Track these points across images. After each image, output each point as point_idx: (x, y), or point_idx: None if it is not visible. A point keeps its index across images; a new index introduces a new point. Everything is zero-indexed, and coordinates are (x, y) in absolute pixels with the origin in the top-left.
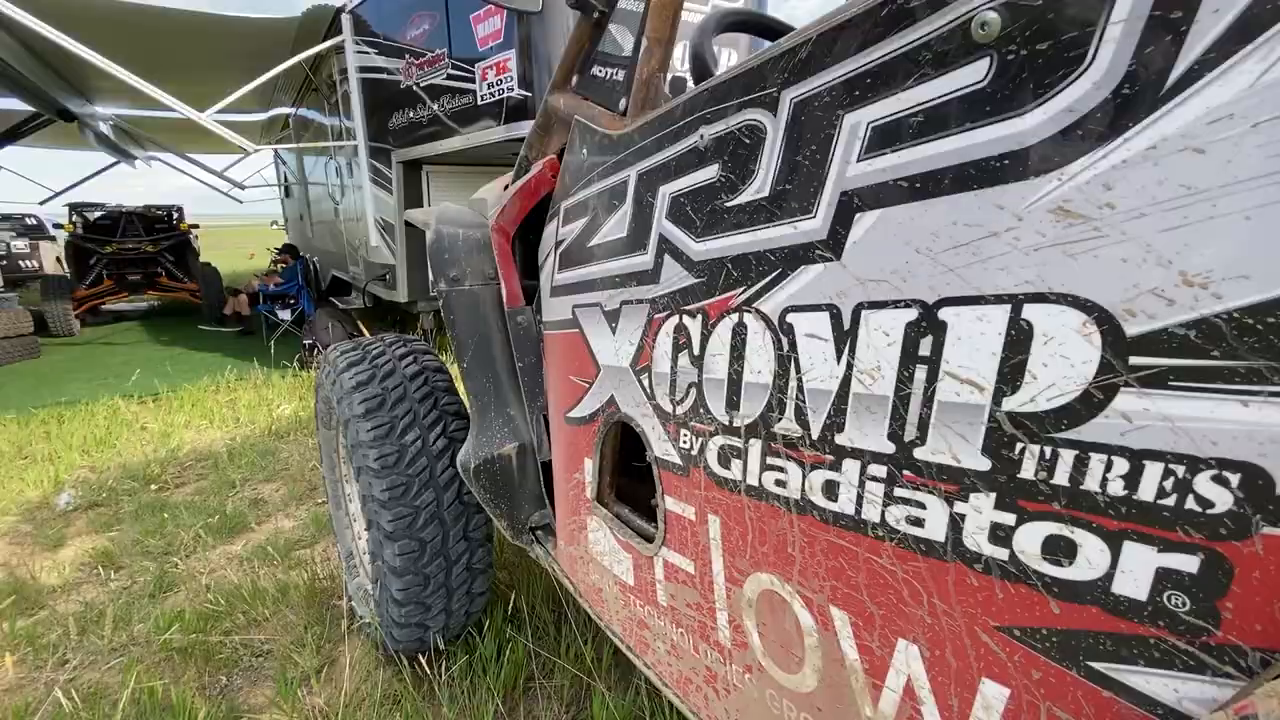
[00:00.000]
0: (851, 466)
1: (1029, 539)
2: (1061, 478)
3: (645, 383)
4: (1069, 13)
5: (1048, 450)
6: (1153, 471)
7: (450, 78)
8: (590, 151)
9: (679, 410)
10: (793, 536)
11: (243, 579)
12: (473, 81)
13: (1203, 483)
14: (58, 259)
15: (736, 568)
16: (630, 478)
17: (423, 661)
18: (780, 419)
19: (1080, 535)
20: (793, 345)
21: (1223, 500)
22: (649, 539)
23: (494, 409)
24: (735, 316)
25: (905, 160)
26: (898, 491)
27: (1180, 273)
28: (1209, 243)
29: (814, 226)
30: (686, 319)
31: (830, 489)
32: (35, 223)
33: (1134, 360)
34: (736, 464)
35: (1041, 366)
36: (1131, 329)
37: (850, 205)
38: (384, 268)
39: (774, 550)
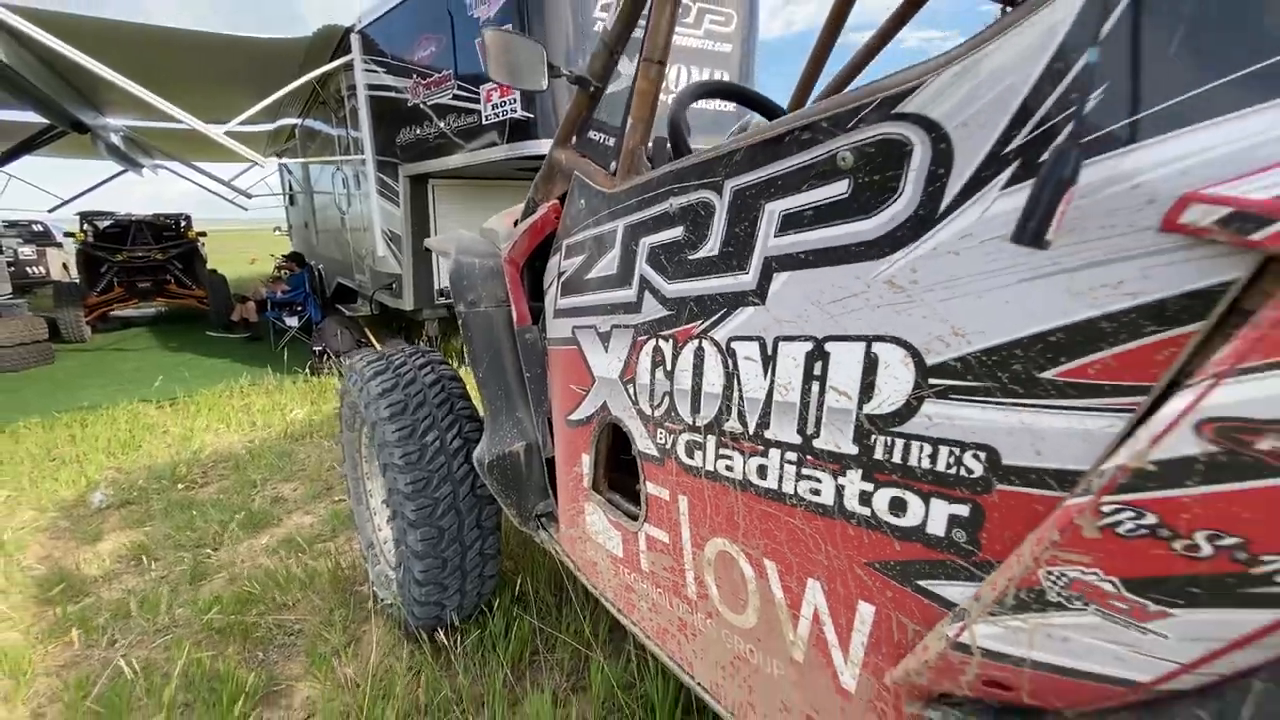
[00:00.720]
0: (774, 454)
1: (880, 500)
2: (897, 457)
3: (631, 391)
4: (887, 160)
5: (888, 439)
6: (944, 451)
7: (456, 97)
8: (587, 202)
9: (656, 413)
10: (738, 508)
11: (275, 566)
12: (478, 102)
13: (968, 457)
14: (64, 265)
15: (699, 535)
16: (618, 469)
17: (440, 636)
18: (728, 419)
19: (909, 496)
20: (735, 365)
21: (978, 468)
22: (634, 518)
23: (505, 413)
24: (696, 342)
25: (803, 239)
26: (803, 470)
27: (952, 326)
28: (963, 309)
29: (747, 280)
30: (661, 342)
31: (761, 471)
32: (41, 229)
33: (932, 380)
34: (699, 454)
35: (882, 383)
36: (929, 360)
37: (770, 267)
38: (390, 277)
39: (726, 519)
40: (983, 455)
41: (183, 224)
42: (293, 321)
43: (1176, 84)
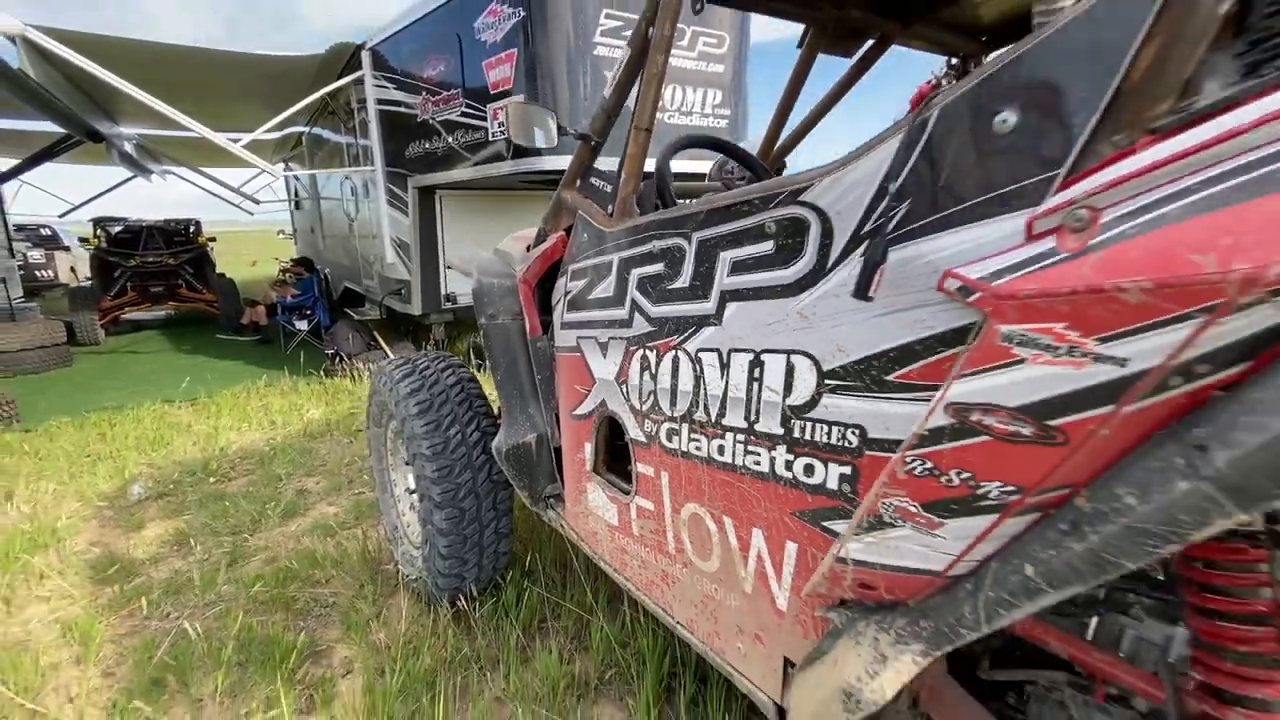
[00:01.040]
0: (729, 436)
1: (798, 466)
2: (808, 436)
3: (624, 390)
4: (795, 230)
5: (802, 424)
6: (835, 430)
7: (464, 114)
8: (589, 237)
9: (644, 408)
10: (705, 478)
11: (310, 546)
12: (484, 119)
13: (849, 433)
14: (71, 269)
15: (677, 501)
16: (613, 455)
17: (461, 604)
18: (697, 411)
19: (815, 462)
20: (701, 371)
21: (855, 440)
22: (626, 492)
23: (520, 409)
24: (673, 353)
25: (745, 280)
26: (749, 448)
27: (837, 345)
28: (842, 334)
29: (709, 307)
30: (647, 352)
31: (720, 449)
32: (49, 233)
33: (826, 381)
34: (675, 438)
35: (797, 383)
36: (824, 367)
37: (725, 298)
38: (399, 283)
39: (696, 488)
40: (857, 432)
41: (191, 229)
42: (302, 325)
43: (945, 203)
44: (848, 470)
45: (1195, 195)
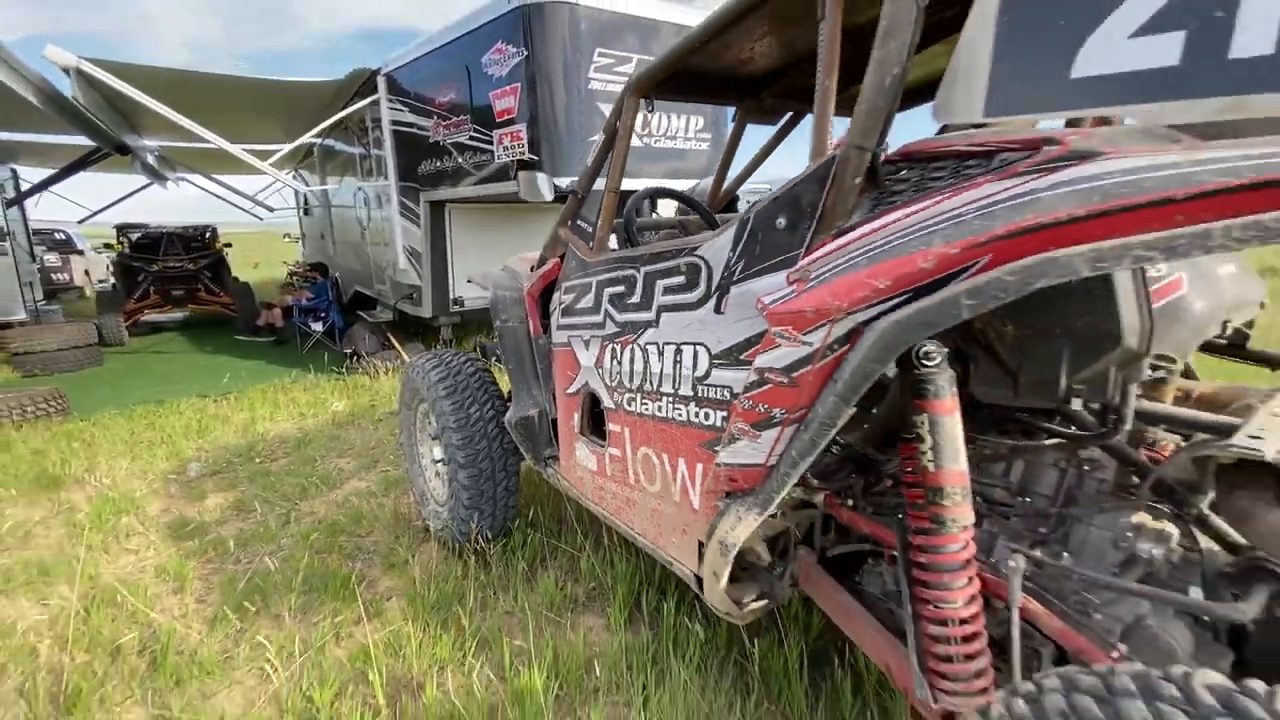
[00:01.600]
0: (664, 399)
1: (702, 415)
2: (706, 394)
3: (600, 373)
4: (694, 271)
5: (703, 388)
6: (718, 390)
7: (472, 138)
8: (576, 264)
9: (612, 384)
10: (650, 429)
11: (355, 505)
12: (491, 143)
13: (725, 392)
14: (85, 272)
15: (634, 446)
16: (594, 421)
17: (479, 546)
18: (645, 384)
19: (710, 410)
20: (648, 358)
21: (728, 395)
22: (602, 445)
23: (525, 390)
24: (631, 346)
25: (671, 299)
26: (675, 405)
27: (718, 338)
28: (720, 331)
29: (651, 316)
30: (615, 346)
31: (659, 408)
32: (64, 238)
33: (714, 360)
34: (633, 404)
35: (700, 363)
36: (713, 352)
37: (660, 310)
38: (411, 288)
39: (645, 436)
40: (728, 390)
41: (208, 235)
42: (317, 326)
43: (757, 263)
44: (723, 413)
45: (840, 266)
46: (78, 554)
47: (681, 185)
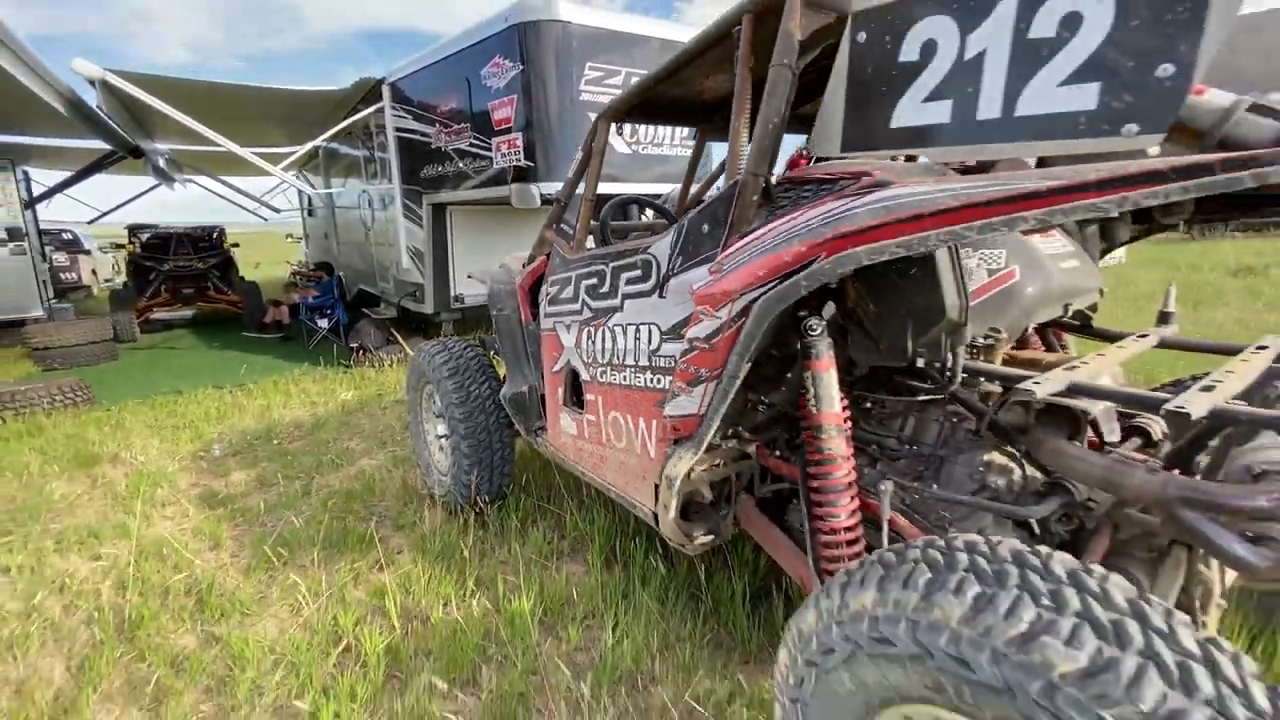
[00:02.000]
0: (628, 369)
1: (655, 380)
2: (658, 364)
3: (579, 352)
4: (649, 265)
5: (655, 358)
6: (665, 359)
7: (472, 145)
8: (559, 261)
9: (588, 361)
10: (617, 395)
11: (368, 475)
12: (490, 149)
13: (669, 360)
14: (92, 271)
15: (605, 411)
16: (574, 393)
17: (478, 508)
18: (613, 358)
19: (661, 376)
20: (615, 337)
21: (671, 362)
22: (580, 412)
23: (518, 370)
24: (602, 329)
25: (632, 288)
26: (635, 375)
27: (665, 317)
28: (667, 312)
29: (616, 303)
30: (590, 329)
31: (624, 378)
32: (71, 238)
33: (663, 336)
34: (604, 375)
35: (654, 338)
36: (662, 329)
37: (624, 297)
38: (414, 285)
39: (614, 401)
40: (673, 358)
41: (215, 235)
42: (323, 323)
43: (688, 259)
44: (669, 377)
45: (740, 260)
46: (120, 519)
47: (665, 188)
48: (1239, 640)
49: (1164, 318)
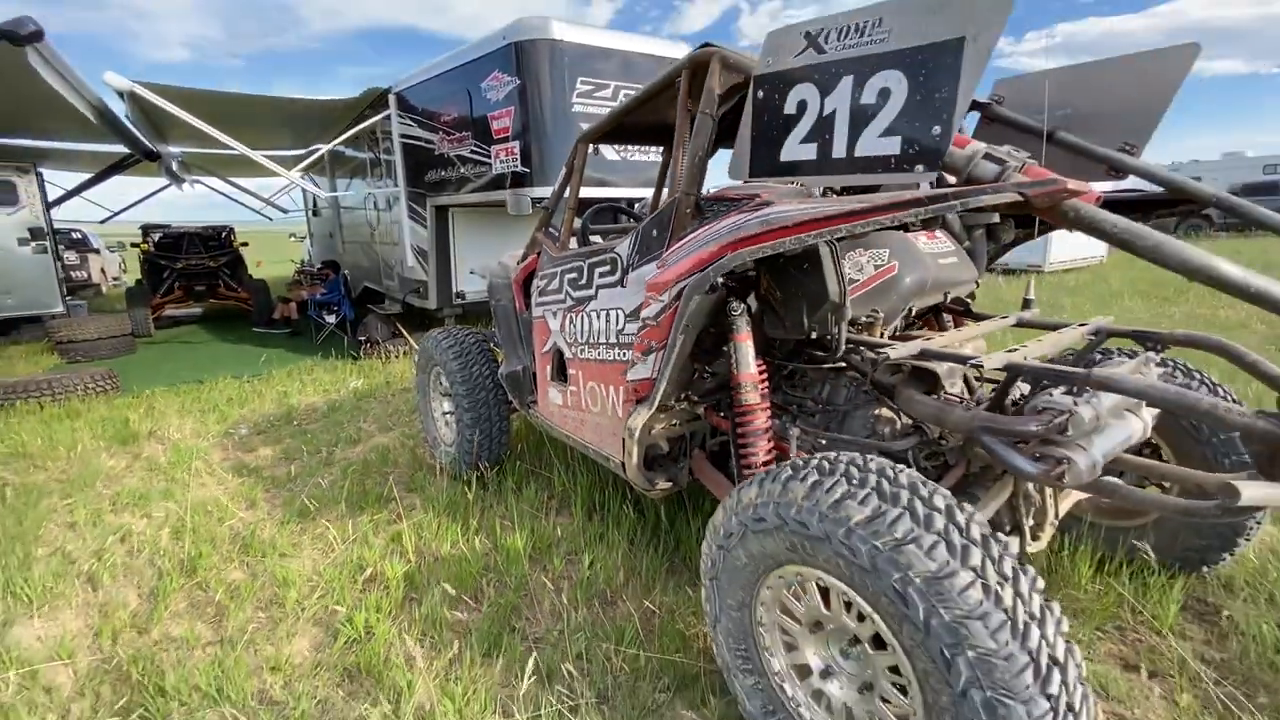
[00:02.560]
0: (601, 347)
1: (624, 354)
2: (624, 341)
3: (563, 335)
4: (616, 261)
5: (621, 336)
6: (629, 336)
7: (473, 152)
8: (547, 259)
9: (570, 341)
10: (594, 369)
11: (383, 447)
12: (489, 156)
13: (632, 337)
14: (101, 270)
15: (585, 382)
16: (560, 370)
17: (479, 472)
18: (590, 338)
19: (628, 352)
20: (591, 321)
21: (633, 339)
22: (564, 385)
23: (513, 352)
24: (581, 314)
25: (604, 279)
26: (606, 350)
27: (628, 304)
28: (627, 299)
29: (592, 292)
30: (571, 315)
31: (598, 354)
32: (80, 237)
33: (627, 318)
34: (583, 353)
35: (621, 321)
36: (625, 312)
37: (599, 288)
38: (418, 283)
39: (591, 374)
40: (633, 335)
41: (224, 235)
42: (331, 319)
43: (643, 256)
44: (631, 351)
45: (678, 257)
46: (163, 486)
47: (648, 191)
48: (1086, 560)
49: (1026, 304)
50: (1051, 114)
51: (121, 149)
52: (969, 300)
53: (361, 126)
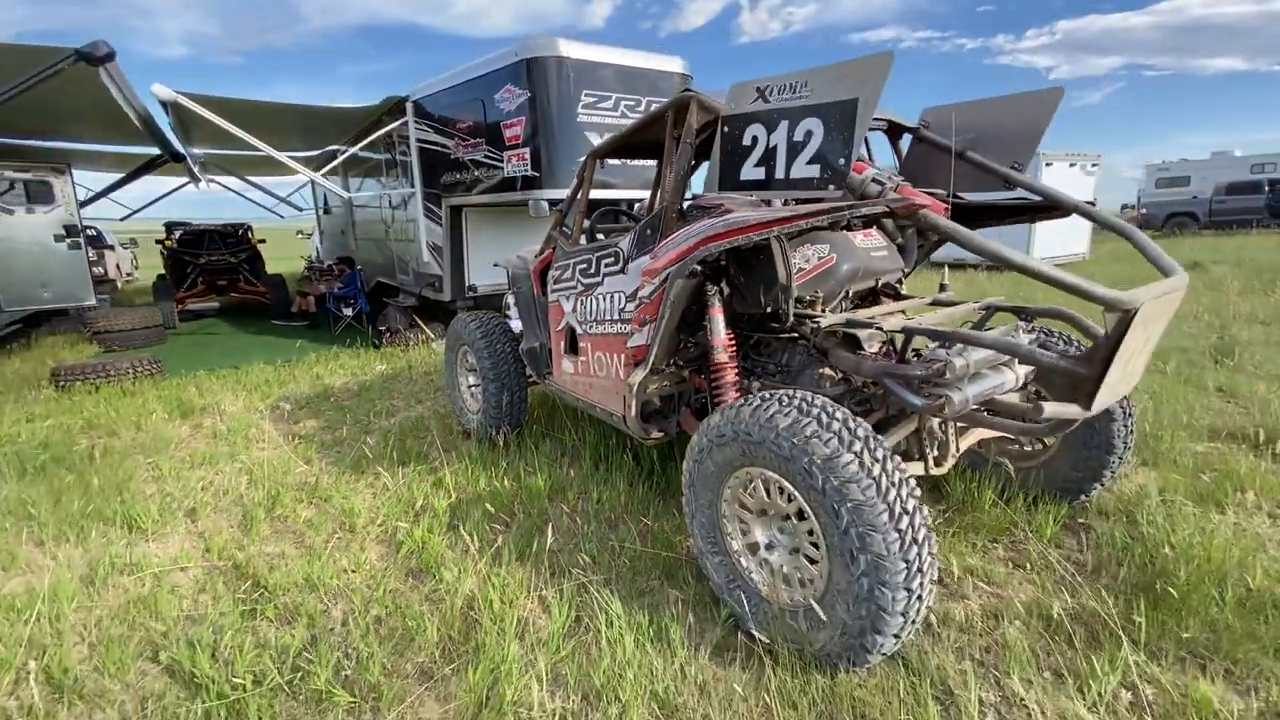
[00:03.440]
0: (606, 322)
1: (625, 328)
2: (626, 318)
3: (574, 315)
4: (617, 253)
5: (623, 313)
6: (630, 313)
7: (486, 156)
8: (561, 253)
9: (580, 320)
10: (600, 341)
11: (417, 417)
12: (501, 161)
13: (633, 312)
14: (117, 266)
15: (593, 352)
16: (571, 344)
17: (503, 435)
18: (597, 317)
19: (628, 325)
20: (598, 302)
21: (633, 314)
22: (575, 356)
23: (532, 330)
24: (590, 297)
25: (610, 269)
26: (611, 325)
27: (629, 287)
28: (626, 283)
29: (599, 279)
30: (581, 298)
31: (604, 328)
32: (95, 234)
33: (629, 299)
34: (591, 329)
35: (621, 301)
36: (626, 294)
37: (604, 275)
38: (433, 277)
39: (598, 345)
40: (631, 311)
41: (242, 232)
42: (348, 312)
43: (641, 249)
44: (630, 324)
45: (666, 251)
46: (228, 450)
47: (644, 192)
48: (989, 490)
49: (942, 288)
50: (963, 138)
51: (149, 151)
52: (898, 285)
53: (382, 131)
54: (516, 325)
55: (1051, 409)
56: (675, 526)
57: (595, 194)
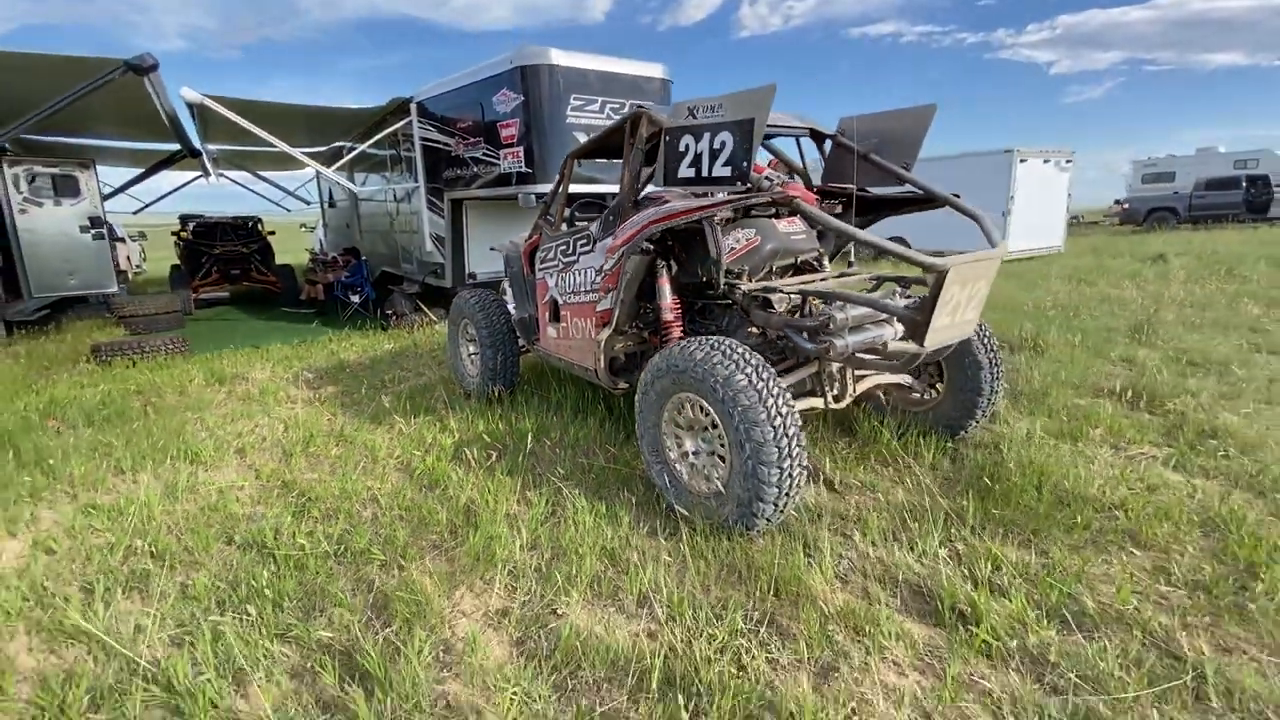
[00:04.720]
0: (581, 293)
1: (596, 296)
2: (594, 287)
3: (557, 289)
4: (589, 237)
5: (593, 284)
6: (600, 283)
7: (484, 154)
8: (546, 238)
9: (561, 292)
10: (577, 309)
11: (422, 384)
12: (498, 159)
13: (603, 282)
14: (127, 257)
15: (570, 319)
16: (554, 313)
17: (496, 395)
18: (574, 289)
19: (597, 294)
20: (575, 276)
21: (600, 283)
22: (558, 323)
23: (522, 302)
24: (569, 272)
25: (584, 248)
26: (585, 294)
27: (598, 263)
28: (596, 260)
29: (575, 257)
30: (562, 274)
31: (580, 298)
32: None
33: (596, 272)
34: (570, 299)
35: (593, 275)
36: (595, 269)
37: (580, 254)
38: (435, 265)
39: (576, 312)
40: (598, 282)
41: (252, 224)
42: (355, 299)
43: (606, 232)
44: (598, 293)
45: (625, 231)
46: (262, 408)
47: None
48: (888, 429)
49: (849, 264)
50: (866, 142)
51: (169, 147)
52: (816, 262)
53: (388, 130)
54: (511, 305)
55: (895, 346)
56: (634, 453)
57: (588, 189)
